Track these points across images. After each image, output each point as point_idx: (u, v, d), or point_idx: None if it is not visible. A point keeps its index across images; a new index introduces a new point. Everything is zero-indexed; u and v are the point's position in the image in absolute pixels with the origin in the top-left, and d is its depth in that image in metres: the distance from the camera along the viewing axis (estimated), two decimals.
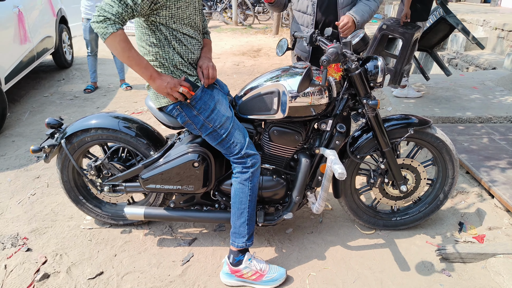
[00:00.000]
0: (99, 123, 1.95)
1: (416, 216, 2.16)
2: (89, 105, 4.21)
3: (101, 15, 1.43)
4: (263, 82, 1.82)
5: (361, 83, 1.79)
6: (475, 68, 5.25)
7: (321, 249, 2.03)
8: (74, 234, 2.12)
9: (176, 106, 1.70)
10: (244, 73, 5.45)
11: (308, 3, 2.24)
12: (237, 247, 1.78)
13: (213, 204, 2.02)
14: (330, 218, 2.29)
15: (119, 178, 1.98)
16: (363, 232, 2.17)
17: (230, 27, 9.93)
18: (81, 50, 6.50)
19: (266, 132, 1.88)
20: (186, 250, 2.01)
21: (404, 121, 1.98)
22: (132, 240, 2.07)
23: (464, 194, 2.47)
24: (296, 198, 1.91)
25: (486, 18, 5.93)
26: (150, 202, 2.11)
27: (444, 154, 2.03)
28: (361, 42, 1.80)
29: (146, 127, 2.03)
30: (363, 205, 2.14)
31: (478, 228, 2.20)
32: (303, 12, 2.28)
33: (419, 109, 3.67)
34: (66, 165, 2.03)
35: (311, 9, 2.24)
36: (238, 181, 1.76)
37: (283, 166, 1.96)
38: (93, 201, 2.15)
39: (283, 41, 2.00)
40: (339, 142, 1.88)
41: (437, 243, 2.08)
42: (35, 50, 4.39)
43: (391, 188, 2.07)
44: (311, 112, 1.81)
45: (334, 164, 1.67)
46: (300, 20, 2.32)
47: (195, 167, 1.82)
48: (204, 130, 1.72)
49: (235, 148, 1.72)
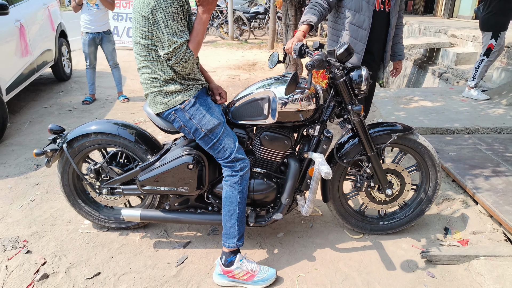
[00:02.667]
0: (99, 128, 2.04)
1: (402, 220, 2.24)
2: (87, 116, 4.31)
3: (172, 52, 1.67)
4: (254, 90, 1.93)
5: (346, 90, 1.90)
6: (464, 82, 5.43)
7: (311, 252, 2.11)
8: (73, 237, 2.18)
9: (172, 112, 1.80)
10: (239, 86, 5.59)
11: (364, 18, 2.37)
12: (228, 247, 1.86)
13: (206, 207, 2.10)
14: (320, 223, 2.37)
15: (117, 181, 2.06)
16: (352, 236, 2.25)
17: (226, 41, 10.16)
18: (79, 64, 6.64)
19: (257, 137, 1.98)
20: (181, 253, 2.08)
21: (389, 127, 2.09)
22: (128, 243, 2.14)
23: (450, 201, 2.57)
24: (286, 200, 2.00)
25: (476, 34, 6.15)
26: (146, 205, 2.18)
27: (426, 160, 2.13)
28: (346, 52, 1.92)
29: (144, 133, 2.12)
30: (351, 209, 2.23)
31: (463, 232, 2.28)
32: (358, 26, 2.39)
33: (408, 121, 3.80)
34: (66, 169, 2.11)
35: (367, 23, 2.37)
36: (228, 184, 1.85)
37: (274, 170, 2.06)
38: (91, 205, 2.22)
39: (275, 55, 2.12)
40: (326, 146, 1.98)
41: (423, 246, 2.16)
42: (35, 63, 4.52)
43: (377, 193, 2.16)
44: (299, 118, 1.91)
45: (321, 165, 1.77)
46: (354, 34, 2.41)
47: (190, 169, 1.91)
48: (197, 135, 1.82)
49: (225, 153, 1.82)
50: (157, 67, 1.74)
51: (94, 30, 4.49)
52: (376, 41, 2.45)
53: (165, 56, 1.68)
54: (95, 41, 4.56)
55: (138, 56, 1.77)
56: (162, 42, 1.66)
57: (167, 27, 1.63)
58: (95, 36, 4.53)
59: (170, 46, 1.65)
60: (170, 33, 1.63)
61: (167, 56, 1.67)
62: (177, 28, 1.65)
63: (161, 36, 1.65)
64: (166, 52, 1.66)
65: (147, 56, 1.74)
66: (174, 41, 1.64)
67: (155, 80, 1.77)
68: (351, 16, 2.38)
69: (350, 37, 2.41)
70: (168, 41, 1.64)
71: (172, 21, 1.63)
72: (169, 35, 1.63)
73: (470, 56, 6.14)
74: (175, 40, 1.64)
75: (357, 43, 2.40)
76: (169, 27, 1.63)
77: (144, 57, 1.74)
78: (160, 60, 1.73)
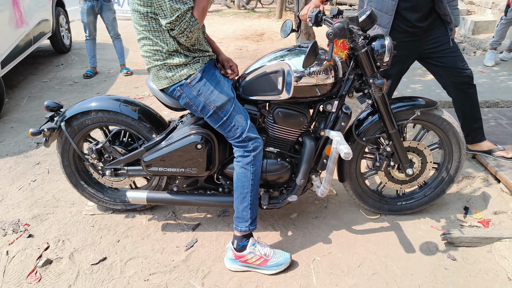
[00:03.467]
0: (99, 105, 1.90)
1: (421, 200, 2.13)
2: (88, 90, 4.15)
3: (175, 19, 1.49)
4: (267, 62, 1.77)
5: (367, 62, 1.73)
6: (482, 52, 5.16)
7: (326, 234, 2.01)
8: (76, 220, 2.10)
9: (177, 87, 1.65)
10: (247, 58, 5.36)
11: None
12: (240, 231, 1.76)
13: (217, 188, 1.99)
14: (334, 204, 2.26)
15: (121, 161, 1.95)
16: (368, 217, 2.14)
17: (233, 11, 9.76)
18: (79, 35, 6.38)
19: (270, 114, 1.84)
20: (190, 236, 2.00)
21: (411, 102, 1.93)
22: (135, 226, 2.05)
23: (470, 179, 2.44)
24: (301, 181, 1.88)
25: (495, 1, 5.79)
26: (153, 186, 2.08)
27: (450, 137, 1.99)
28: (368, 19, 1.74)
29: (148, 110, 1.98)
30: (368, 189, 2.11)
31: (484, 212, 2.17)
32: None
33: (425, 94, 3.61)
34: (66, 149, 2.00)
35: None
36: (240, 165, 1.72)
37: (288, 149, 1.93)
38: (94, 186, 2.12)
39: (288, 23, 1.93)
40: (344, 123, 1.84)
41: (442, 227, 2.06)
42: (31, 34, 4.31)
43: (397, 172, 2.03)
44: (316, 93, 1.76)
45: (340, 145, 1.63)
46: (379, 4, 2.07)
47: (198, 149, 1.78)
48: (205, 112, 1.68)
49: (236, 131, 1.68)
50: (159, 38, 1.57)
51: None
52: (417, 8, 2.06)
53: (167, 26, 1.51)
54: (94, 10, 4.32)
55: (137, 25, 1.59)
56: (164, 9, 1.48)
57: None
58: (94, 4, 4.28)
59: (172, 14, 1.47)
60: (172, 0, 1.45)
61: (170, 25, 1.50)
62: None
63: (161, 3, 1.47)
64: (168, 21, 1.49)
65: (146, 26, 1.56)
66: (177, 8, 1.46)
67: (157, 53, 1.60)
68: None
69: (374, 8, 2.09)
70: (170, 9, 1.47)
71: None
72: (170, 1, 1.45)
73: (488, 24, 5.81)
74: (177, 7, 1.46)
75: (382, 15, 2.09)
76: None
77: (143, 27, 1.57)
78: (162, 30, 1.56)
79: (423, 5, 2.08)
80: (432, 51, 2.20)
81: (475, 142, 2.44)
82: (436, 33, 2.16)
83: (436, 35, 2.16)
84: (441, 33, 2.16)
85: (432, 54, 2.21)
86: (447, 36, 2.16)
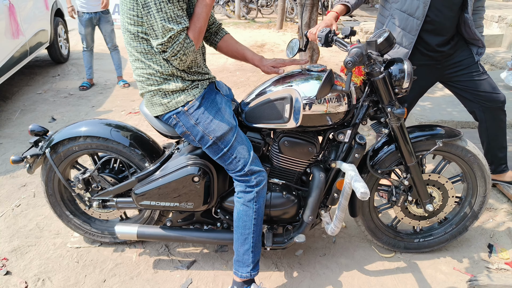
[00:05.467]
0: (88, 131, 1.73)
1: (441, 237, 1.93)
2: (84, 103, 3.98)
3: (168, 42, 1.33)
4: (273, 87, 1.59)
5: (385, 89, 1.56)
6: (490, 67, 5.00)
7: (335, 276, 1.81)
8: (60, 254, 1.90)
9: (173, 115, 1.47)
10: (247, 70, 5.21)
11: (418, 4, 1.83)
12: (240, 277, 1.56)
13: (214, 222, 1.80)
14: (344, 238, 2.06)
15: (110, 192, 1.76)
16: (382, 255, 1.94)
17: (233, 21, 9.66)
18: (78, 44, 6.25)
19: (275, 143, 1.66)
20: (184, 275, 1.80)
21: (431, 132, 1.75)
22: (124, 262, 1.86)
23: (492, 211, 2.24)
24: (309, 218, 1.69)
25: (502, 14, 5.65)
26: (145, 218, 1.89)
27: (475, 170, 1.80)
28: (386, 42, 1.57)
29: (141, 136, 1.80)
30: (382, 224, 1.92)
31: (510, 251, 1.97)
32: (409, 14, 1.88)
33: (435, 112, 3.43)
34: (51, 177, 1.81)
35: (421, 11, 1.84)
36: (242, 202, 1.53)
37: (294, 181, 1.74)
38: (81, 217, 1.93)
39: (294, 42, 1.75)
40: (358, 155, 1.66)
41: (466, 269, 1.86)
42: (28, 45, 4.16)
43: (415, 207, 1.84)
44: (327, 121, 1.58)
45: (355, 182, 1.44)
46: (403, 23, 1.91)
47: (195, 182, 1.60)
48: (203, 143, 1.50)
49: (238, 164, 1.50)
50: (151, 60, 1.40)
51: (90, 9, 4.11)
52: (441, 31, 1.91)
53: (158, 47, 1.33)
54: (92, 22, 4.18)
55: (129, 46, 1.42)
56: (155, 29, 1.31)
57: (160, 11, 1.28)
58: (92, 16, 4.15)
59: (164, 34, 1.30)
60: (165, 19, 1.28)
61: (161, 47, 1.33)
62: (173, 12, 1.29)
63: (153, 22, 1.30)
64: (160, 42, 1.32)
65: (137, 47, 1.39)
66: (170, 28, 1.29)
67: (151, 77, 1.43)
68: (401, 0, 1.89)
69: (397, 26, 1.93)
70: (162, 28, 1.30)
71: (167, 3, 1.27)
72: (163, 20, 1.28)
73: (495, 38, 5.67)
74: (170, 27, 1.29)
75: (405, 35, 1.92)
76: (163, 10, 1.28)
77: (134, 49, 1.40)
78: (154, 52, 1.39)
79: (447, 30, 1.91)
80: (455, 75, 2.02)
81: (497, 172, 2.25)
82: (459, 56, 1.99)
83: (460, 58, 1.99)
84: (465, 55, 1.99)
85: (455, 78, 2.03)
86: (472, 59, 1.98)
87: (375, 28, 2.14)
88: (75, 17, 4.24)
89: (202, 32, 1.40)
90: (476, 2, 1.97)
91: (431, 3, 1.84)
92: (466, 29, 1.93)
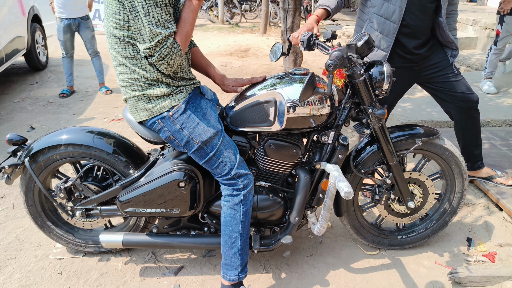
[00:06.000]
0: (69, 139, 1.70)
1: (423, 233, 1.99)
2: (64, 111, 3.90)
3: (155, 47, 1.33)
4: (257, 91, 1.61)
5: (366, 91, 1.61)
6: (466, 69, 5.17)
7: (323, 275, 1.84)
8: (42, 266, 1.85)
9: (157, 120, 1.47)
10: (232, 75, 5.22)
11: (395, 8, 1.90)
12: (229, 280, 1.57)
13: (202, 227, 1.80)
14: (330, 238, 2.09)
15: (93, 201, 1.73)
16: (367, 253, 1.98)
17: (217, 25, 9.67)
18: (57, 51, 6.13)
19: (261, 146, 1.68)
20: (172, 281, 1.78)
21: (411, 131, 1.81)
22: (109, 272, 1.83)
23: (470, 206, 2.32)
24: (295, 219, 1.71)
25: (476, 18, 5.87)
26: (131, 226, 1.87)
27: (453, 167, 1.87)
28: (366, 45, 1.61)
29: (125, 142, 1.79)
30: (366, 223, 1.96)
31: (488, 243, 2.04)
32: (386, 18, 1.94)
33: (416, 113, 3.53)
34: (31, 187, 1.77)
35: (398, 16, 1.90)
36: (229, 205, 1.54)
37: (280, 183, 1.76)
38: (63, 227, 1.89)
39: (277, 46, 1.78)
40: (342, 155, 1.69)
41: (447, 263, 1.91)
42: (3, 52, 4.06)
43: (397, 205, 1.89)
44: (310, 124, 1.61)
45: (339, 182, 1.47)
46: (380, 26, 1.97)
47: (181, 187, 1.59)
48: (189, 147, 1.50)
49: (224, 168, 1.51)
50: (137, 65, 1.40)
51: (69, 15, 4.04)
52: (417, 35, 1.97)
53: (146, 52, 1.33)
54: (71, 28, 4.11)
55: (113, 51, 1.41)
56: (142, 33, 1.31)
57: (148, 15, 1.28)
58: (71, 22, 4.07)
59: (152, 39, 1.30)
60: (152, 23, 1.29)
61: (149, 51, 1.33)
62: (161, 17, 1.30)
63: (140, 27, 1.30)
64: (147, 47, 1.32)
65: (122, 52, 1.39)
66: (158, 32, 1.30)
67: (136, 82, 1.43)
68: (378, 5, 1.95)
69: (375, 30, 1.99)
70: (149, 33, 1.30)
71: (155, 7, 1.28)
72: (150, 25, 1.29)
73: (470, 41, 5.87)
74: (158, 31, 1.30)
75: (383, 38, 1.98)
76: (151, 15, 1.28)
77: (119, 53, 1.39)
78: (140, 57, 1.39)
79: (422, 33, 1.98)
80: (432, 76, 2.09)
81: (474, 169, 2.33)
82: (435, 58, 2.06)
83: (435, 60, 2.06)
84: (440, 58, 2.06)
85: (432, 79, 2.10)
86: (447, 61, 2.06)
87: (355, 32, 2.19)
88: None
89: (189, 37, 1.40)
90: (449, 6, 2.05)
91: (406, 7, 1.90)
92: (440, 32, 2.00)
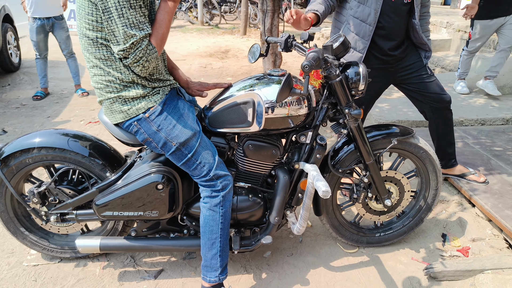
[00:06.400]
0: (43, 142, 1.65)
1: (400, 230, 2.04)
2: (38, 114, 3.79)
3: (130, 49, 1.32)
4: (235, 92, 1.61)
5: (342, 91, 1.63)
6: (441, 70, 5.34)
7: (303, 274, 1.85)
8: (15, 273, 1.79)
9: (134, 122, 1.45)
10: (212, 76, 5.20)
11: (370, 11, 1.95)
12: (209, 282, 1.56)
13: (181, 230, 1.78)
14: (310, 237, 2.11)
15: (69, 205, 1.69)
16: (346, 251, 2.01)
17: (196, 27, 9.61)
18: (30, 52, 5.94)
19: (240, 147, 1.68)
20: (152, 285, 1.76)
21: (386, 131, 1.85)
22: (86, 277, 1.78)
23: (444, 203, 2.39)
24: (275, 219, 1.72)
25: (449, 20, 6.07)
26: (108, 229, 1.83)
27: (427, 165, 1.92)
28: (341, 46, 1.64)
29: (101, 145, 1.75)
30: (345, 221, 1.99)
31: (461, 239, 2.11)
32: (362, 20, 1.98)
33: (392, 113, 3.62)
34: (2, 192, 1.71)
35: (373, 18, 1.95)
36: (208, 207, 1.53)
37: (260, 183, 1.77)
38: (38, 233, 1.84)
39: (256, 47, 1.79)
40: (320, 155, 1.71)
41: (423, 259, 1.97)
42: None
43: (375, 203, 1.93)
44: (289, 124, 1.62)
45: (317, 181, 1.49)
46: (356, 28, 2.01)
47: (159, 189, 1.58)
48: (166, 149, 1.48)
49: (203, 170, 1.50)
50: (111, 67, 1.37)
51: (42, 14, 3.92)
52: (392, 36, 2.02)
53: (120, 54, 1.31)
54: (44, 28, 3.99)
55: (86, 52, 1.39)
56: (116, 35, 1.29)
57: (122, 17, 1.26)
58: (44, 23, 3.96)
59: (126, 40, 1.29)
60: (126, 25, 1.27)
61: (123, 53, 1.31)
62: (135, 18, 1.28)
63: (114, 28, 1.28)
64: (121, 49, 1.30)
65: (96, 53, 1.36)
66: (132, 34, 1.28)
67: (110, 84, 1.40)
68: (354, 7, 1.99)
69: (352, 32, 2.03)
70: (123, 34, 1.28)
71: (129, 8, 1.26)
72: (124, 26, 1.27)
73: (444, 42, 6.06)
74: (132, 33, 1.28)
75: (358, 40, 2.02)
76: (125, 16, 1.26)
77: (92, 55, 1.37)
78: (114, 59, 1.37)
79: (397, 35, 2.03)
80: (406, 77, 2.15)
81: (448, 167, 2.40)
82: (409, 60, 2.12)
83: (410, 62, 2.12)
84: (414, 59, 2.12)
85: (407, 80, 2.16)
86: (421, 62, 2.12)
87: (331, 33, 2.22)
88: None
89: (165, 39, 1.39)
90: (422, 9, 2.11)
91: (381, 10, 1.95)
92: (414, 34, 2.06)
